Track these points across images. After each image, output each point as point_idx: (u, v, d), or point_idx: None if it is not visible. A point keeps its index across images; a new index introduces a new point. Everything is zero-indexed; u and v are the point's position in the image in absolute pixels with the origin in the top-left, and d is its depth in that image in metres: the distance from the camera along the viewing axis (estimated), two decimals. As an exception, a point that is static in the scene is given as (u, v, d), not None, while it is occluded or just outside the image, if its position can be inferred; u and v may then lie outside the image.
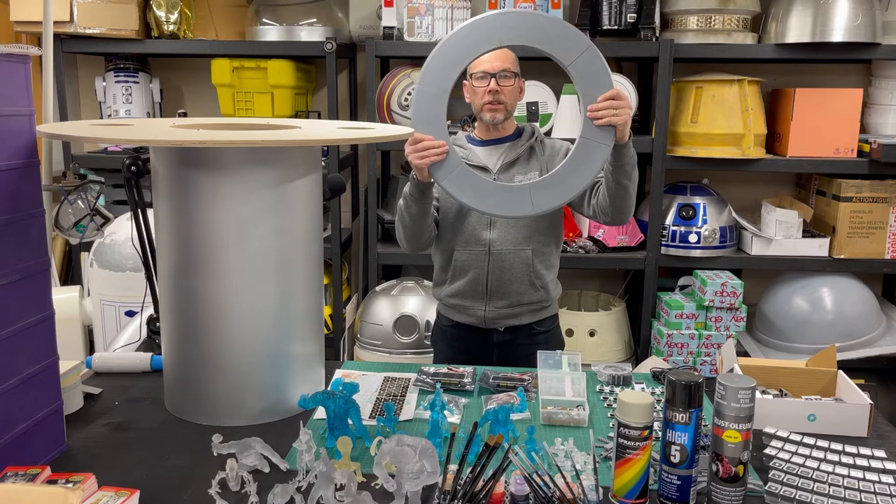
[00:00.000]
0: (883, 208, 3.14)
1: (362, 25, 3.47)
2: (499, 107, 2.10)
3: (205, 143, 1.44)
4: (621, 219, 2.07)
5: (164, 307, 1.72)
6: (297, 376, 1.73)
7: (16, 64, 1.39)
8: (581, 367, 1.85)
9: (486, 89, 2.09)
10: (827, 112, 3.12)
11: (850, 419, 1.63)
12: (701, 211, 3.22)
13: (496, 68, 2.08)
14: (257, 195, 1.60)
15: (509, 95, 2.11)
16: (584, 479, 1.36)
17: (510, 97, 2.11)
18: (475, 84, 2.11)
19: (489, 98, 2.09)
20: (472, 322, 2.21)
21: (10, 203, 1.37)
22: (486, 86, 2.09)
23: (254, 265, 1.62)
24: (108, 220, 2.20)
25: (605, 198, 2.04)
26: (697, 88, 3.13)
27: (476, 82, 2.11)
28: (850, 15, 2.98)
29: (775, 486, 1.37)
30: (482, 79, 2.09)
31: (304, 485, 1.38)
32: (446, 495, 1.28)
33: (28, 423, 1.43)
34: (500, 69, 2.08)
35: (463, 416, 1.71)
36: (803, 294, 3.20)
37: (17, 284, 1.39)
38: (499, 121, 2.12)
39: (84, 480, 1.28)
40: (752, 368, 1.79)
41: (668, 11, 3.22)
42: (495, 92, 2.08)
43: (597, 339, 3.22)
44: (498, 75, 2.08)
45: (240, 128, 1.90)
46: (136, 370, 1.95)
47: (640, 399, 1.30)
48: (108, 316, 3.00)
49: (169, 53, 3.52)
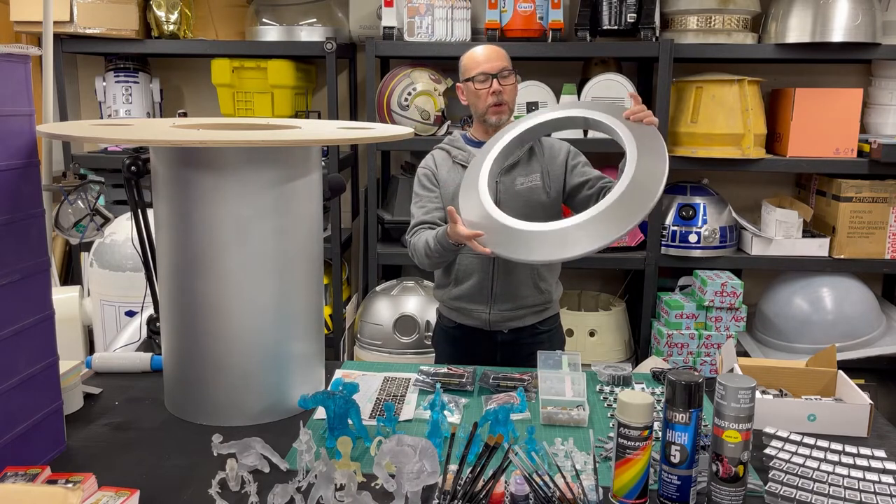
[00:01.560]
0: (883, 208, 3.14)
1: (362, 25, 3.47)
2: (503, 108, 2.09)
3: (205, 143, 1.44)
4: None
5: (164, 307, 1.72)
6: (297, 376, 1.73)
7: (16, 64, 1.39)
8: (581, 367, 1.85)
9: (488, 91, 2.06)
10: (827, 112, 3.12)
11: (850, 419, 1.63)
12: (701, 211, 3.22)
13: (496, 68, 2.06)
14: (257, 195, 1.60)
15: (511, 94, 2.10)
16: (584, 479, 1.36)
17: (511, 96, 2.10)
18: (477, 87, 2.08)
19: (493, 100, 2.07)
20: (475, 324, 2.19)
21: (10, 203, 1.37)
22: (488, 87, 2.06)
23: (254, 265, 1.62)
24: (108, 220, 2.20)
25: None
26: (697, 88, 3.13)
27: (478, 85, 2.08)
28: (850, 15, 2.98)
29: (775, 486, 1.37)
30: (483, 81, 2.07)
31: (304, 485, 1.38)
32: (446, 495, 1.28)
33: (28, 423, 1.43)
34: (500, 68, 2.06)
35: (463, 416, 1.71)
36: (803, 294, 3.20)
37: (17, 284, 1.39)
38: (504, 122, 2.11)
39: (84, 480, 1.28)
40: (752, 368, 1.79)
41: (668, 11, 3.22)
42: (498, 93, 2.06)
43: (597, 339, 3.22)
44: (499, 75, 2.06)
45: (240, 128, 1.90)
46: (136, 370, 1.95)
47: (640, 399, 1.30)
48: (108, 316, 3.00)
49: (169, 53, 3.52)
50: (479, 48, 2.12)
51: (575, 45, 3.16)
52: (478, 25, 3.34)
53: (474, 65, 2.08)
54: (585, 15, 3.15)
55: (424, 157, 2.24)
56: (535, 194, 2.10)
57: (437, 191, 2.17)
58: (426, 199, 2.17)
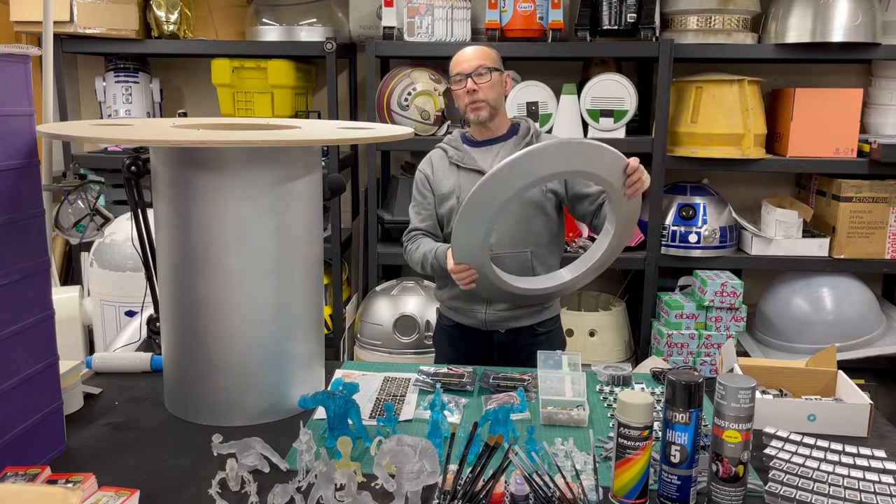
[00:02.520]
0: (883, 208, 3.14)
1: (362, 25, 3.47)
2: (480, 104, 2.10)
3: (205, 143, 1.44)
4: None
5: (164, 307, 1.72)
6: (297, 376, 1.73)
7: (16, 64, 1.39)
8: (581, 367, 1.85)
9: (464, 90, 2.10)
10: (827, 112, 3.12)
11: (850, 419, 1.63)
12: (701, 211, 3.22)
13: (471, 67, 2.10)
14: (257, 195, 1.60)
15: (489, 92, 2.10)
16: (584, 479, 1.36)
17: (490, 94, 2.10)
18: (454, 88, 2.14)
19: (468, 99, 2.10)
20: (473, 324, 2.21)
21: (10, 203, 1.37)
22: (463, 87, 2.10)
23: (254, 265, 1.62)
24: (108, 220, 2.20)
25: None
26: (697, 88, 3.13)
27: (454, 86, 2.13)
28: (850, 15, 2.98)
29: (775, 486, 1.37)
30: (459, 81, 2.11)
31: (304, 485, 1.38)
32: (446, 495, 1.28)
33: (28, 423, 1.43)
34: (474, 68, 2.09)
35: (463, 416, 1.71)
36: (803, 294, 3.20)
37: (17, 284, 1.39)
38: (483, 118, 2.12)
39: (84, 480, 1.28)
40: (752, 368, 1.79)
41: (668, 11, 3.22)
42: (473, 91, 2.09)
43: (597, 339, 3.22)
44: (473, 74, 2.09)
45: (240, 128, 1.90)
46: (136, 370, 1.95)
47: (640, 399, 1.30)
48: (108, 316, 3.00)
49: (169, 53, 3.52)
50: (462, 50, 2.16)
51: (575, 45, 3.16)
52: (478, 25, 3.34)
53: (453, 66, 2.13)
54: (585, 15, 3.15)
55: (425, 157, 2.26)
56: (533, 194, 2.10)
57: (430, 197, 2.21)
58: (421, 205, 2.24)
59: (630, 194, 1.89)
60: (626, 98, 3.11)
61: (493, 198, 1.79)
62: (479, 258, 1.91)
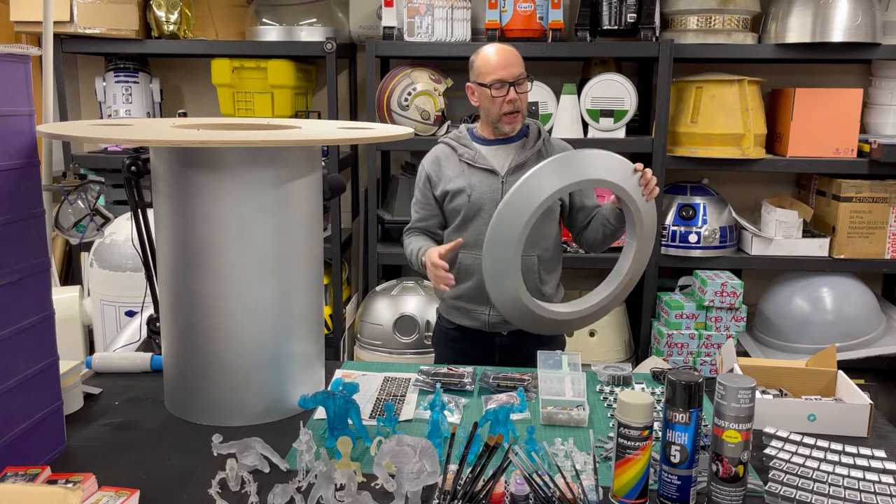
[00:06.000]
0: (883, 208, 3.14)
1: (362, 25, 3.47)
2: (517, 116, 2.06)
3: (205, 143, 1.44)
4: (599, 251, 2.21)
5: (164, 307, 1.72)
6: (297, 376, 1.73)
7: (16, 64, 1.39)
8: (581, 367, 1.85)
9: (504, 99, 2.02)
10: (827, 112, 3.12)
11: (850, 419, 1.63)
12: (701, 211, 3.22)
13: (513, 76, 2.01)
14: (257, 195, 1.60)
15: (525, 101, 2.07)
16: (584, 479, 1.36)
17: (525, 103, 2.08)
18: (493, 94, 2.03)
19: (508, 108, 2.03)
20: (475, 325, 2.19)
21: (10, 203, 1.37)
22: (504, 95, 2.01)
23: (254, 265, 1.62)
24: (108, 220, 2.20)
25: (598, 235, 2.13)
26: (697, 88, 3.13)
27: (494, 92, 2.03)
28: (850, 15, 2.98)
29: (775, 486, 1.37)
30: (500, 88, 2.02)
31: (304, 485, 1.38)
32: (446, 495, 1.28)
33: (28, 423, 1.43)
34: (516, 76, 2.01)
35: (463, 416, 1.71)
36: (803, 294, 3.20)
37: (17, 284, 1.39)
38: (516, 130, 2.09)
39: (84, 480, 1.28)
40: (752, 368, 1.79)
41: (668, 11, 3.22)
42: (514, 101, 2.02)
43: (597, 339, 3.22)
44: (515, 83, 2.01)
45: (240, 128, 1.90)
46: (136, 370, 1.95)
47: (640, 399, 1.30)
48: (108, 316, 3.00)
49: (169, 53, 3.52)
50: (492, 50, 2.06)
51: (575, 45, 3.16)
52: (478, 25, 3.33)
53: (490, 69, 2.02)
54: (585, 15, 3.15)
55: (428, 152, 2.23)
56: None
57: (430, 197, 2.19)
58: (420, 203, 2.22)
59: (649, 194, 1.90)
60: (626, 98, 3.11)
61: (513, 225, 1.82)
62: (512, 285, 1.89)
